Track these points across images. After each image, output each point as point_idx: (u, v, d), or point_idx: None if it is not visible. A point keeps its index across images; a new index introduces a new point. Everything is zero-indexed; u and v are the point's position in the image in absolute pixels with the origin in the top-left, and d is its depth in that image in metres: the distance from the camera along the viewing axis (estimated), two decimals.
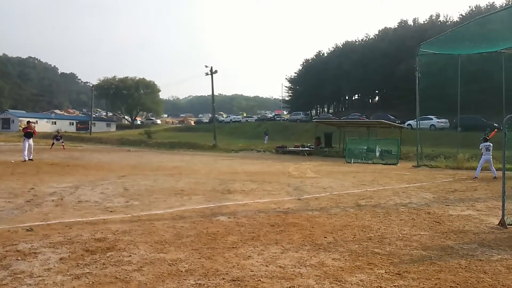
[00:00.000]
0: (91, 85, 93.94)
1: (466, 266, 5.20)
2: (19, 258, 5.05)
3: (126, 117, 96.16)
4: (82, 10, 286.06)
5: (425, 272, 4.91)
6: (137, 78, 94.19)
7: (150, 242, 5.96)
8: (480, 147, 16.89)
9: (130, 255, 5.29)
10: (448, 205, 9.92)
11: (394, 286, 4.44)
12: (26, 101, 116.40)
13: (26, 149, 19.37)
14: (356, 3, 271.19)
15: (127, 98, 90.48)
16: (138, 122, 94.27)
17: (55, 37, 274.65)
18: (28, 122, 21.31)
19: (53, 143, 32.59)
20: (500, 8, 35.75)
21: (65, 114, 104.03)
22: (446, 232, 7.07)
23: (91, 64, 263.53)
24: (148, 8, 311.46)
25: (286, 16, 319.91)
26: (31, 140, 19.67)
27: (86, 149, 35.60)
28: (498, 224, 7.70)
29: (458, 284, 4.53)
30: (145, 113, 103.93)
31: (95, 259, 5.11)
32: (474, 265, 5.27)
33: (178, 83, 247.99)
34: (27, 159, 19.22)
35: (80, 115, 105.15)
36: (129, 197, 9.96)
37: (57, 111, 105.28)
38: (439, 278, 4.70)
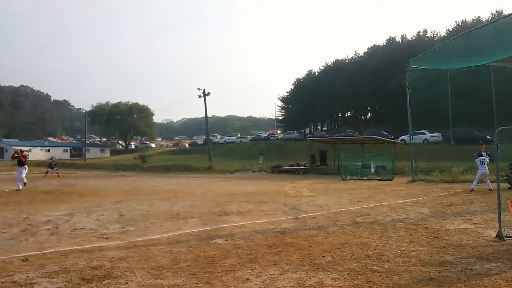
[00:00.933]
0: (84, 111, 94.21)
1: (465, 281, 5.18)
2: None
3: (120, 142, 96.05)
4: (72, 36, 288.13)
5: None
6: (130, 103, 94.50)
7: (147, 268, 5.89)
8: (476, 161, 17.05)
9: (127, 283, 5.23)
10: (445, 219, 9.92)
11: None
12: (19, 129, 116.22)
13: (23, 177, 19.30)
14: (345, 22, 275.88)
15: (121, 123, 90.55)
16: (133, 147, 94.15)
17: (47, 64, 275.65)
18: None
19: (47, 171, 32.42)
20: (486, 22, 36.44)
21: (59, 141, 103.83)
22: (444, 247, 7.06)
23: (83, 90, 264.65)
24: (139, 33, 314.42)
25: (277, 36, 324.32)
26: (23, 168, 19.66)
27: (81, 176, 35.38)
28: (496, 236, 7.71)
29: None
30: (139, 137, 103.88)
31: (92, 287, 5.04)
32: (474, 279, 5.25)
33: (171, 106, 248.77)
34: (20, 187, 19.10)
35: (73, 141, 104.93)
36: (125, 223, 9.87)
37: (51, 139, 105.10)
38: None
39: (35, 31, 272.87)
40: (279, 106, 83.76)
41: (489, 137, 33.26)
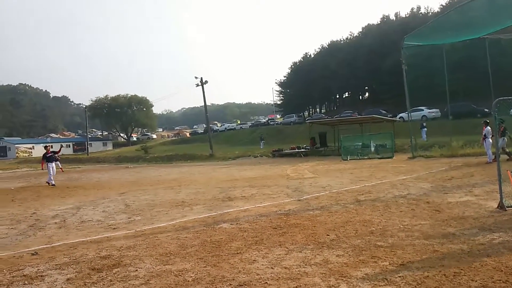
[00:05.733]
0: (84, 106, 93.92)
1: (468, 251, 5.28)
2: (26, 283, 5.09)
3: (121, 134, 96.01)
4: (67, 31, 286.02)
5: (428, 261, 4.99)
6: (129, 95, 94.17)
7: (155, 255, 6.01)
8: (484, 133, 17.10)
9: (136, 270, 5.34)
10: (447, 193, 10.03)
11: (399, 276, 4.52)
12: (20, 127, 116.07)
13: (51, 173, 19.23)
14: (339, 2, 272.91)
15: (121, 115, 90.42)
16: (134, 139, 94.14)
17: (44, 61, 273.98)
18: (46, 147, 21.38)
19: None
20: None
21: (61, 137, 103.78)
22: (446, 220, 7.16)
23: (82, 85, 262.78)
24: (135, 25, 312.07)
25: (271, 20, 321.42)
26: (53, 164, 19.69)
27: (85, 170, 35.51)
28: (497, 207, 7.81)
29: (462, 269, 4.61)
30: (140, 129, 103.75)
31: (102, 276, 5.16)
32: (477, 249, 5.35)
33: (170, 97, 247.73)
34: (50, 183, 19.00)
35: (76, 136, 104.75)
36: (131, 213, 10.00)
37: (53, 135, 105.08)
38: (443, 265, 4.78)
39: (31, 28, 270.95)
40: (277, 91, 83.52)
41: (487, 110, 33.24)
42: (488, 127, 16.61)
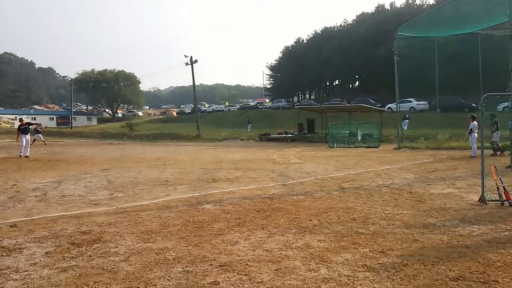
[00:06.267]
0: (69, 79, 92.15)
1: (448, 242, 5.34)
2: (4, 254, 5.01)
3: (107, 110, 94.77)
4: (56, 3, 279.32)
5: (408, 249, 5.04)
6: (116, 70, 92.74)
7: (136, 232, 5.96)
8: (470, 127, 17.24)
9: (117, 246, 5.29)
10: (429, 184, 10.14)
11: (378, 263, 4.55)
12: (3, 97, 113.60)
13: (24, 145, 19.20)
14: None
15: (107, 91, 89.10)
16: (120, 115, 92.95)
17: (30, 31, 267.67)
18: (21, 119, 21.07)
19: (34, 139, 31.95)
20: None
21: (45, 109, 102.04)
22: (428, 210, 7.24)
23: (68, 57, 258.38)
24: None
25: (265, 2, 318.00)
26: (28, 136, 19.64)
27: (68, 144, 35.09)
28: (478, 200, 7.92)
29: (440, 259, 4.65)
30: (126, 105, 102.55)
31: (81, 251, 5.10)
32: (456, 240, 5.42)
33: (158, 74, 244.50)
34: (22, 155, 19.00)
35: (60, 109, 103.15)
36: (113, 190, 9.90)
37: (36, 107, 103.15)
38: (422, 254, 4.83)
39: None
40: (267, 74, 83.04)
41: (474, 104, 33.58)
42: (475, 122, 16.76)
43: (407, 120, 29.94)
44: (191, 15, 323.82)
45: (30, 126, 20.27)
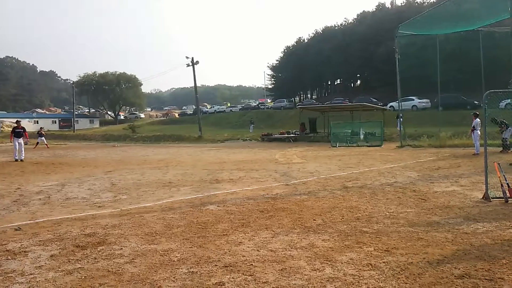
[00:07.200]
0: (71, 82, 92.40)
1: (452, 240, 5.33)
2: (9, 258, 5.01)
3: (109, 112, 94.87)
4: (57, 6, 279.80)
5: (413, 248, 5.02)
6: (117, 73, 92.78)
7: (140, 234, 5.97)
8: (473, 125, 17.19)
9: (121, 248, 5.30)
10: (433, 182, 10.12)
11: (383, 262, 4.54)
12: (5, 101, 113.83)
13: (17, 149, 19.06)
14: None
15: (109, 93, 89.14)
16: (122, 117, 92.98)
17: (31, 34, 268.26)
18: (18, 121, 20.96)
19: (37, 143, 32.07)
20: None
21: (47, 112, 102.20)
22: (431, 208, 7.23)
23: (70, 61, 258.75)
24: (124, 2, 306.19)
25: (265, 2, 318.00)
26: (21, 140, 19.38)
27: (71, 147, 35.14)
28: (482, 198, 7.89)
29: (445, 257, 4.64)
30: (128, 107, 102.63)
31: (86, 254, 5.11)
32: (460, 238, 5.40)
33: (160, 75, 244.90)
34: (17, 159, 18.92)
35: (62, 113, 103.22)
36: (117, 192, 9.92)
37: (39, 110, 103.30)
38: (426, 253, 4.81)
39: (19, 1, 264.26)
40: (268, 74, 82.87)
41: (476, 102, 33.51)
42: (478, 119, 16.71)
43: (401, 119, 29.84)
44: (191, 16, 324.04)
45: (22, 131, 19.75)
